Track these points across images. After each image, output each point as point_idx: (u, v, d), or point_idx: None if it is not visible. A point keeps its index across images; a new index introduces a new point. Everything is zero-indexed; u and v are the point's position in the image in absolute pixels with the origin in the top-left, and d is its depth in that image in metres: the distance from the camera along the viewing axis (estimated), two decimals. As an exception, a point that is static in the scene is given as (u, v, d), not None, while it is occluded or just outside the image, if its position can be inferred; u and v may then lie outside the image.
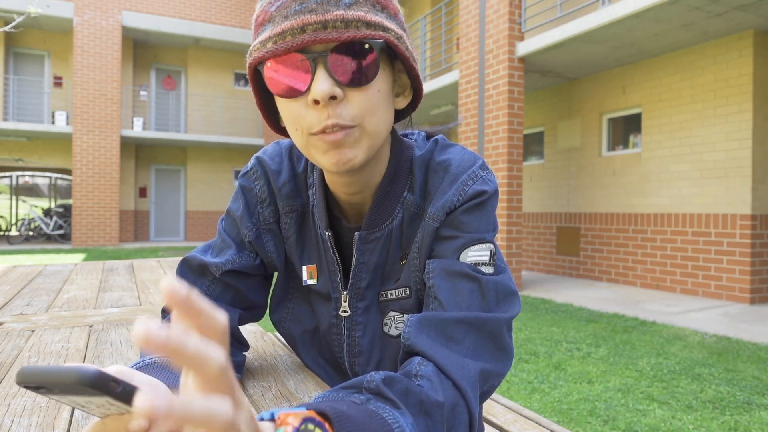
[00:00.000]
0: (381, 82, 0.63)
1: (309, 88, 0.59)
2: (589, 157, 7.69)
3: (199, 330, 0.32)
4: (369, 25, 0.60)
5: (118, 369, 0.44)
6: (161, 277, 1.91)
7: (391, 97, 0.67)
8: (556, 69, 7.34)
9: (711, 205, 6.07)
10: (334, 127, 0.60)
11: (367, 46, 0.60)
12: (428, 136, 0.80)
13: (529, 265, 8.88)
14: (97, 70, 13.52)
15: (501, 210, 6.82)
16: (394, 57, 0.67)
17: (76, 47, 13.33)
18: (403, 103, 0.71)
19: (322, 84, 0.58)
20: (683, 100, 6.37)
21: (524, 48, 6.70)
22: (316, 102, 0.59)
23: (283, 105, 0.64)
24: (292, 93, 0.61)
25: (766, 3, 5.00)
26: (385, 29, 0.61)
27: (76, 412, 0.67)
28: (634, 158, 7.01)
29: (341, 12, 0.58)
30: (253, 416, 0.35)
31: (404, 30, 0.67)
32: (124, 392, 0.35)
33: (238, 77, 16.20)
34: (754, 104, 5.66)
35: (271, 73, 0.61)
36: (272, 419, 0.39)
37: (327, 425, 0.41)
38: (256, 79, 0.67)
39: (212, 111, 15.68)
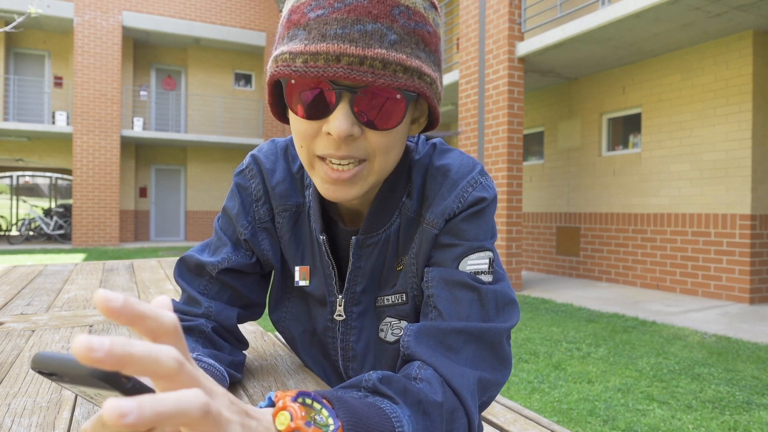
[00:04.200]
0: (401, 126, 0.62)
1: (327, 118, 0.58)
2: (589, 157, 7.69)
3: (148, 336, 0.30)
4: (407, 70, 0.57)
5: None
6: (161, 278, 1.92)
7: (406, 134, 0.66)
8: (556, 69, 7.34)
9: (711, 205, 6.07)
10: (343, 158, 0.59)
11: (398, 96, 0.58)
12: (426, 139, 0.79)
13: (529, 265, 8.88)
14: (97, 70, 13.52)
15: (501, 210, 6.82)
16: None
17: (76, 47, 13.33)
18: (416, 130, 0.70)
19: (342, 122, 0.56)
20: (683, 100, 6.37)
21: (524, 48, 6.70)
22: (330, 134, 0.58)
23: (296, 121, 0.62)
24: (310, 116, 0.59)
25: (766, 3, 5.00)
26: (421, 75, 0.59)
27: (77, 411, 0.67)
28: (634, 158, 7.01)
29: (383, 51, 0.55)
30: (235, 398, 0.35)
31: (440, 68, 0.65)
32: (133, 389, 0.36)
33: (238, 77, 16.20)
34: (754, 104, 5.66)
35: (294, 90, 0.59)
36: (270, 404, 0.40)
37: (325, 401, 0.42)
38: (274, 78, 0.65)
39: (212, 111, 15.68)
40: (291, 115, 0.63)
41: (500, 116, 6.89)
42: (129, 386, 0.35)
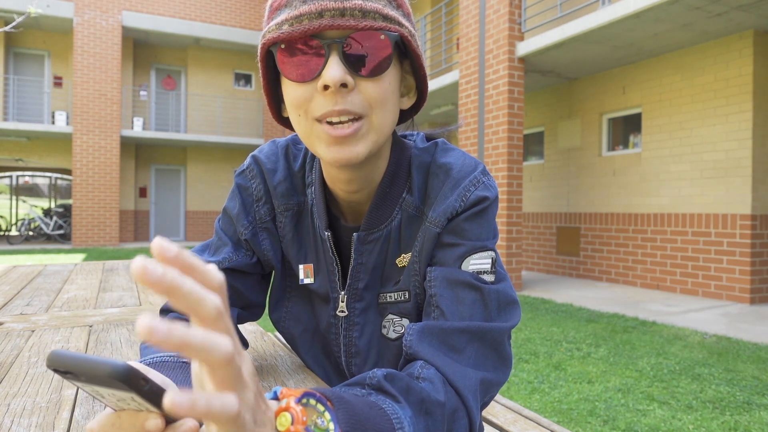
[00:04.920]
0: (391, 77, 0.63)
1: (320, 74, 0.59)
2: (589, 157, 7.69)
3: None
4: (385, 17, 0.61)
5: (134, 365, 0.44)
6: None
7: (398, 94, 0.67)
8: (556, 69, 7.34)
9: (711, 205, 6.07)
10: (341, 114, 0.60)
11: (382, 37, 0.60)
12: (428, 138, 0.80)
13: (529, 265, 8.88)
14: (97, 70, 13.52)
15: (501, 210, 6.82)
16: (404, 56, 0.68)
17: (76, 47, 13.33)
18: (407, 103, 0.71)
19: (335, 70, 0.58)
20: (683, 100, 6.37)
21: (524, 48, 6.70)
22: (326, 87, 0.59)
23: (290, 90, 0.63)
24: (304, 77, 0.60)
25: (766, 3, 5.00)
26: (400, 24, 0.62)
27: (76, 411, 0.67)
28: (634, 158, 7.01)
29: (359, 2, 0.59)
30: (253, 366, 0.37)
31: (415, 30, 0.67)
32: (150, 391, 0.36)
33: (238, 77, 16.20)
34: (754, 104, 5.66)
35: (284, 55, 0.61)
36: (275, 398, 0.41)
37: (328, 402, 0.43)
38: (267, 61, 0.67)
39: (212, 111, 15.68)
40: (286, 87, 0.64)
41: (500, 116, 6.89)
42: (146, 388, 0.35)
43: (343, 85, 0.59)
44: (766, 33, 5.77)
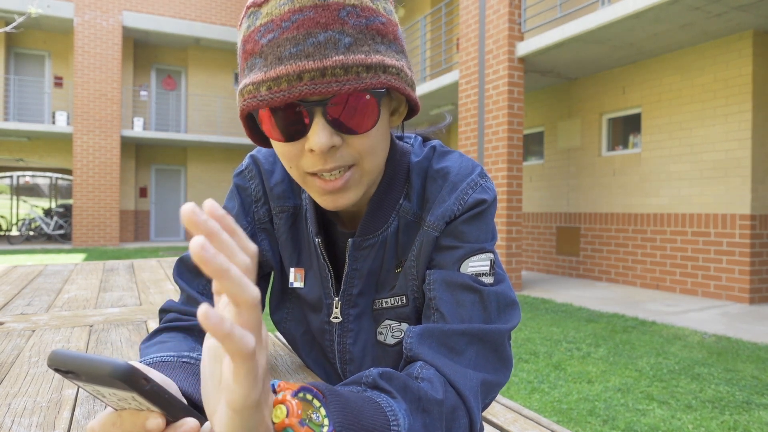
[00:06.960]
0: (380, 123, 0.62)
1: (306, 137, 0.58)
2: (589, 157, 7.69)
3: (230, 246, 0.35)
4: (369, 68, 0.56)
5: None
6: (161, 278, 1.92)
7: (388, 128, 0.65)
8: (556, 69, 7.35)
9: (711, 205, 6.08)
10: (333, 170, 0.59)
11: (368, 97, 0.57)
12: (423, 139, 0.79)
13: (529, 265, 8.88)
14: (97, 70, 13.52)
15: (501, 210, 6.82)
16: None
17: (76, 47, 13.33)
18: (398, 120, 0.69)
19: (320, 137, 0.56)
20: (683, 100, 6.37)
21: (524, 48, 6.70)
22: (313, 150, 0.58)
23: (278, 145, 0.62)
24: (289, 139, 0.59)
25: (766, 3, 5.00)
26: (385, 69, 0.58)
27: (77, 411, 0.67)
28: (634, 158, 7.01)
29: (340, 57, 0.54)
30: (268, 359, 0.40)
31: (404, 53, 0.64)
32: (151, 391, 0.36)
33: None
34: (753, 104, 5.66)
35: (267, 118, 0.58)
36: (272, 390, 0.42)
37: (324, 398, 0.43)
38: (248, 115, 0.64)
39: (212, 111, 15.68)
40: (274, 143, 0.63)
41: (500, 116, 6.89)
42: (147, 388, 0.35)
43: (331, 147, 0.58)
44: (766, 33, 5.77)
